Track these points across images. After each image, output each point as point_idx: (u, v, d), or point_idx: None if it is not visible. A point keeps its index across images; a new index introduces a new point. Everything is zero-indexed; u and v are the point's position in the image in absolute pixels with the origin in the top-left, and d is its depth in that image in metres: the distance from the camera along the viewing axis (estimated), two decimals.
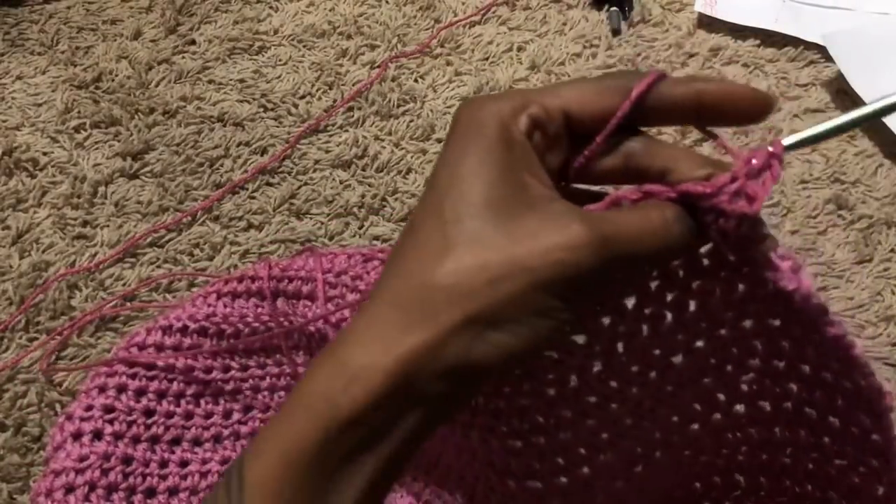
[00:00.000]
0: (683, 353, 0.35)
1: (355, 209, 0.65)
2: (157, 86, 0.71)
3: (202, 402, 0.51)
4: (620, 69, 0.26)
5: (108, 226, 0.64)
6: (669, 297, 0.33)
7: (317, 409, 0.27)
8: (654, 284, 0.33)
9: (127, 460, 0.48)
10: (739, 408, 0.37)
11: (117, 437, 0.48)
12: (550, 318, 0.28)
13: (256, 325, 0.51)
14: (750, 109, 0.30)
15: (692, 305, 0.33)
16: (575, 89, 0.30)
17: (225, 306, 0.51)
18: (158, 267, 0.63)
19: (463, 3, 0.76)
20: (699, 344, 0.35)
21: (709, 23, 0.74)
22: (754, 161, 0.28)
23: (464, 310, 0.27)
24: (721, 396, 0.37)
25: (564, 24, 0.74)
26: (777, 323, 0.33)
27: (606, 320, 0.33)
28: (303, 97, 0.71)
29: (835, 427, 0.35)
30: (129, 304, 0.61)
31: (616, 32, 0.73)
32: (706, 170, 0.29)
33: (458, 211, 0.28)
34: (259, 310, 0.51)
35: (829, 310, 0.31)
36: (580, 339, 0.33)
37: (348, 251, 0.53)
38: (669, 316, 0.33)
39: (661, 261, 0.31)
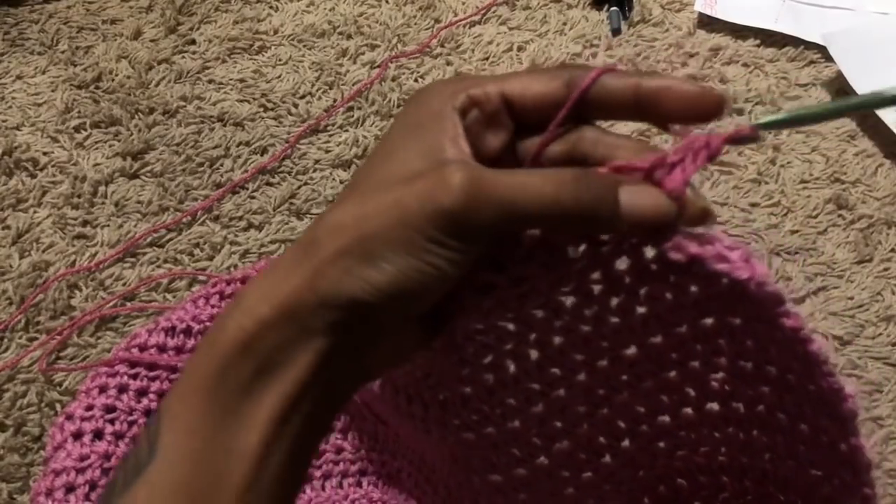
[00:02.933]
0: (637, 347, 0.34)
1: None
2: (157, 86, 0.71)
3: None
4: (569, 63, 0.27)
5: (108, 226, 0.64)
6: (614, 302, 0.32)
7: (214, 340, 0.29)
8: (596, 289, 0.32)
9: None
10: (713, 406, 0.36)
11: (118, 436, 0.48)
12: (419, 259, 0.28)
13: None
14: (691, 108, 0.29)
15: (640, 309, 0.32)
16: (519, 76, 0.32)
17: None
18: (158, 267, 0.63)
19: (463, 3, 0.76)
20: (656, 339, 0.34)
21: (709, 23, 0.74)
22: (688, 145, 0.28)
23: (336, 244, 0.29)
24: (691, 391, 0.36)
25: (564, 24, 0.74)
26: (738, 322, 0.32)
27: (539, 313, 0.33)
28: (303, 97, 0.71)
29: (805, 434, 0.34)
30: (129, 304, 0.61)
31: (616, 32, 0.73)
32: (645, 157, 0.29)
33: (370, 168, 0.31)
34: None
35: (785, 299, 0.30)
36: (510, 326, 0.33)
37: None
38: (614, 318, 0.33)
39: (557, 223, 0.30)
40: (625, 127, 0.67)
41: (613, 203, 0.28)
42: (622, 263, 0.31)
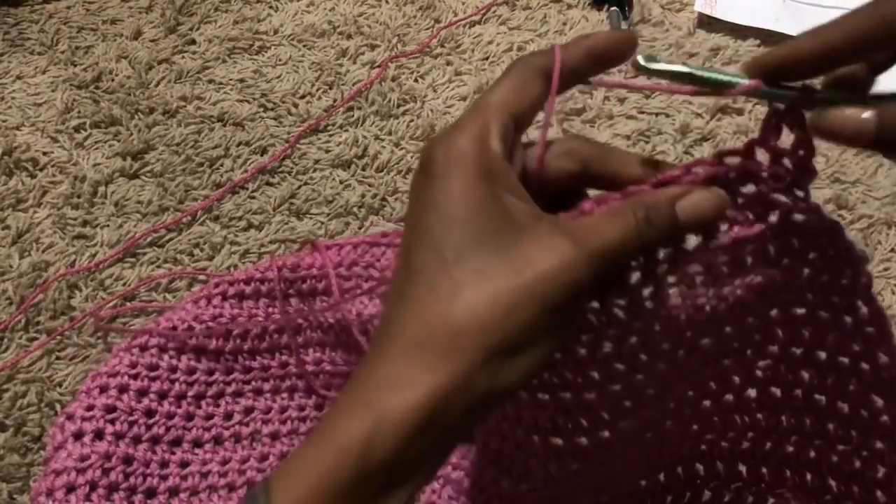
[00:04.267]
0: (712, 337, 0.37)
1: (355, 209, 0.65)
2: (157, 86, 0.71)
3: (203, 403, 0.51)
4: (523, 57, 0.28)
5: (108, 226, 0.64)
6: (711, 292, 0.35)
7: (348, 448, 0.28)
8: (699, 279, 0.35)
9: (128, 460, 0.48)
10: (751, 392, 0.39)
11: (118, 436, 0.48)
12: (557, 334, 0.30)
13: (267, 324, 0.51)
14: (620, 50, 0.33)
15: (731, 299, 0.35)
16: (506, 90, 0.32)
17: (232, 307, 0.52)
18: (158, 267, 0.63)
19: (463, 3, 0.76)
20: (728, 329, 0.37)
21: (709, 23, 0.74)
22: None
23: (485, 344, 0.28)
24: (736, 379, 0.39)
25: (564, 24, 0.74)
26: (802, 311, 0.35)
27: (649, 304, 0.35)
28: (303, 97, 0.71)
29: (842, 413, 0.37)
30: (129, 304, 0.61)
31: None
32: (645, 168, 0.33)
33: (459, 250, 0.29)
34: (270, 309, 0.51)
35: (871, 280, 0.34)
36: (621, 313, 0.35)
37: (353, 241, 0.53)
38: (708, 307, 0.36)
39: (643, 254, 0.33)
40: (621, 107, 0.67)
41: (675, 224, 0.32)
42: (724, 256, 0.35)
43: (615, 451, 0.40)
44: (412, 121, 0.69)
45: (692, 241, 0.34)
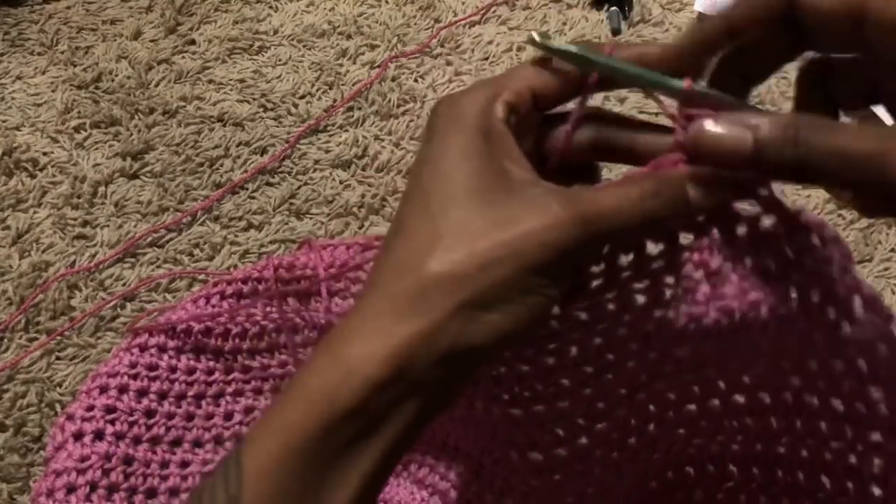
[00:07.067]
0: (687, 349, 0.35)
1: (355, 209, 0.65)
2: (157, 86, 0.71)
3: (203, 403, 0.51)
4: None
5: (108, 226, 0.64)
6: (683, 309, 0.33)
7: (315, 401, 0.28)
8: (668, 292, 0.33)
9: (128, 461, 0.48)
10: (739, 398, 0.37)
11: (119, 437, 0.48)
12: (539, 295, 0.29)
13: (265, 324, 0.51)
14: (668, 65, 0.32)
15: (710, 317, 0.33)
16: (537, 70, 0.32)
17: (230, 307, 0.51)
18: (158, 267, 0.63)
19: (463, 3, 0.76)
20: (707, 348, 0.35)
21: None
22: None
23: (456, 296, 0.28)
24: (721, 385, 0.37)
25: (564, 23, 0.74)
26: (784, 312, 0.32)
27: (612, 307, 0.33)
28: (303, 97, 0.71)
29: (836, 411, 0.35)
30: (129, 304, 0.61)
31: (616, 32, 0.73)
32: (666, 136, 0.31)
33: (444, 203, 0.29)
34: (268, 309, 0.51)
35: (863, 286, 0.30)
36: (583, 315, 0.34)
37: (346, 241, 0.53)
38: (680, 323, 0.33)
39: (644, 233, 0.32)
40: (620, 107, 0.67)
41: (685, 201, 0.30)
42: (696, 272, 0.32)
43: (596, 458, 0.39)
44: (412, 121, 0.69)
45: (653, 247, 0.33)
